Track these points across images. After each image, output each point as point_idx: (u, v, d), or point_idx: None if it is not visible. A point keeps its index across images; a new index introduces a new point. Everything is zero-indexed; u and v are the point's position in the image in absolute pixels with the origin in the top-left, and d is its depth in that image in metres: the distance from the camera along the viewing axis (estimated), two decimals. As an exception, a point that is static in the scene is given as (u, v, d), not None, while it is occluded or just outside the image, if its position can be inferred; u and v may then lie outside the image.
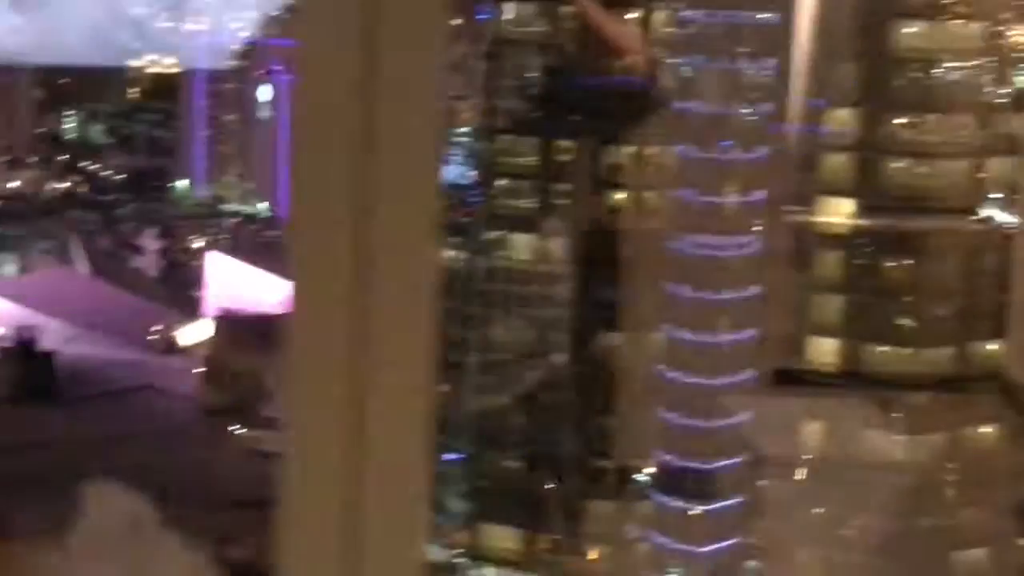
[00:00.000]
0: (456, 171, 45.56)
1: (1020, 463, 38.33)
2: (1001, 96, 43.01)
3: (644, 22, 42.67)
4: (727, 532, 41.79)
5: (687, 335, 42.27)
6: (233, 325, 49.19)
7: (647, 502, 42.70)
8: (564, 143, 44.01)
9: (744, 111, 42.81)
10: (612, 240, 43.66)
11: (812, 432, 42.00)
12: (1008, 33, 42.58)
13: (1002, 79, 42.97)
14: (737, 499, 42.14)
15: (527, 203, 45.04)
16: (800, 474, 40.39)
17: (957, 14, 41.34)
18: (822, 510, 39.49)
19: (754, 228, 42.63)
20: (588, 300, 44.01)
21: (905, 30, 41.93)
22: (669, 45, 42.78)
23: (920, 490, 40.48)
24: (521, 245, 45.12)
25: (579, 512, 42.29)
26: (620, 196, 44.13)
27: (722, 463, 42.14)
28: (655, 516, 42.43)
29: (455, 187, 45.02)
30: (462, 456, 43.99)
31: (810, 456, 40.62)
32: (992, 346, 40.75)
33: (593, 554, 42.79)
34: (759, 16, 42.24)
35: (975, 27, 41.70)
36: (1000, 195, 42.61)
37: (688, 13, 42.57)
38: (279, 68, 53.80)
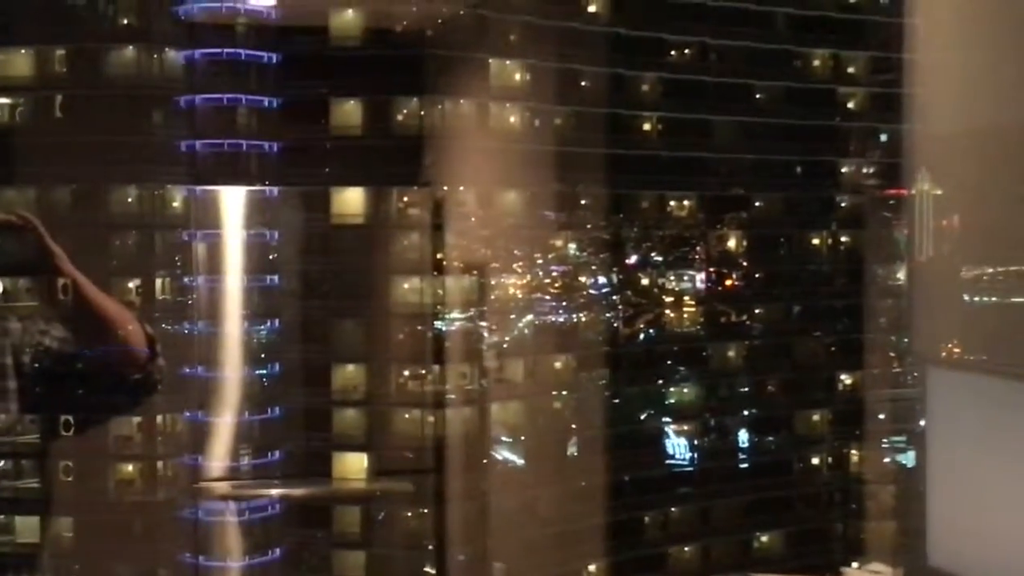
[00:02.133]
0: (-48, 454, 43.28)
1: None
2: (504, 341, 46.23)
3: (146, 291, 42.80)
4: None
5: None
6: None
7: None
8: (66, 418, 42.85)
9: (255, 371, 43.60)
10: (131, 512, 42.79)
11: None
12: (504, 283, 46.34)
13: (500, 325, 46.13)
14: None
15: (31, 483, 43.08)
16: None
17: (450, 268, 43.92)
18: None
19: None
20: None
21: (404, 285, 44.40)
22: (172, 311, 42.85)
23: None
24: (27, 528, 42.95)
25: None
26: (130, 468, 43.21)
27: None
28: None
29: (-51, 472, 42.75)
30: None
31: None
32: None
33: None
34: (259, 278, 43.54)
35: (468, 280, 44.37)
36: (509, 439, 46.03)
37: (188, 279, 43.11)
38: None
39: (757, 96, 50.83)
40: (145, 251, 43.22)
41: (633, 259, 49.16)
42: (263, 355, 44.02)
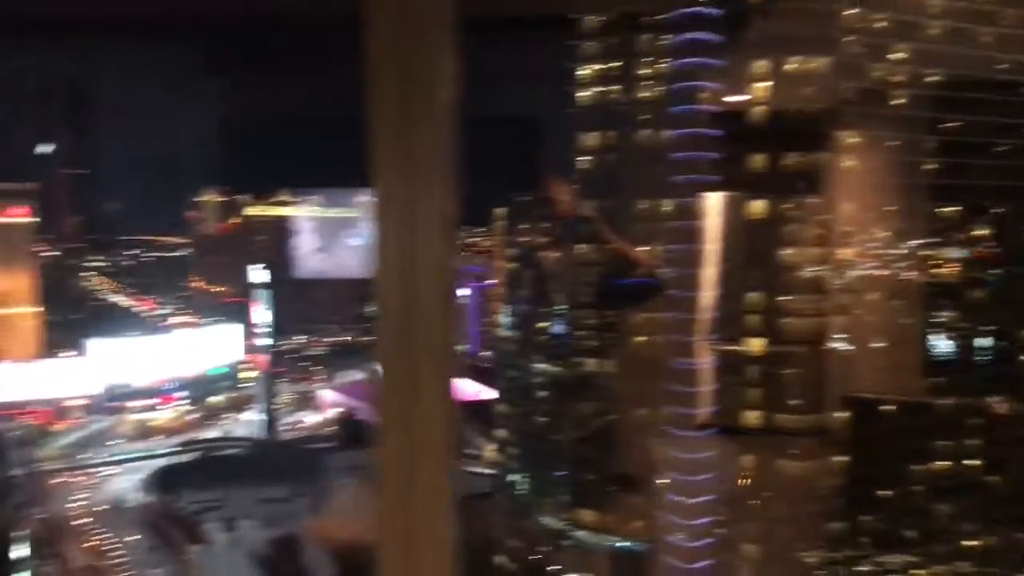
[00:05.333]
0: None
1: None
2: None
3: (654, 249, 72.84)
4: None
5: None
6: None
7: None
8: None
9: (711, 291, 74.85)
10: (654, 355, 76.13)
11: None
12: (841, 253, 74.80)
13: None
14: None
15: (592, 342, 78.84)
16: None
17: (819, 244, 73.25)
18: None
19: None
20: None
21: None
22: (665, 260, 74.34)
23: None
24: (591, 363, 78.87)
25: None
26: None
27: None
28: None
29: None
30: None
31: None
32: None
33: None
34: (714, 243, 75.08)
35: (822, 249, 72.73)
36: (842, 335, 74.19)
37: (671, 245, 74.24)
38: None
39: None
40: (653, 230, 71.45)
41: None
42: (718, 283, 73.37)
